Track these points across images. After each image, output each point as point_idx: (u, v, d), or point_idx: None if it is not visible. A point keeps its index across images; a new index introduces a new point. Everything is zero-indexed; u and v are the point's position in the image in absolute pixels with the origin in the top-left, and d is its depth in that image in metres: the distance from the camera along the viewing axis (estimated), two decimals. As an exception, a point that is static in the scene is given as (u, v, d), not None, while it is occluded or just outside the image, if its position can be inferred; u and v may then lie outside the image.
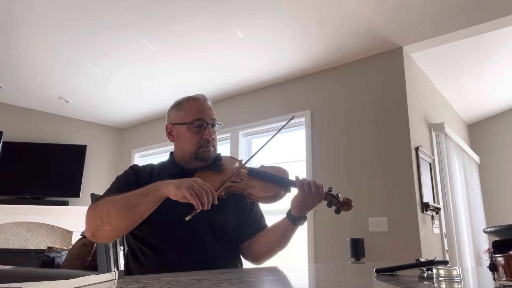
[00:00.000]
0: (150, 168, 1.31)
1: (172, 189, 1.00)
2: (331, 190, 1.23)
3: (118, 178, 1.25)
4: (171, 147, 1.36)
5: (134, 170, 1.28)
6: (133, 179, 1.23)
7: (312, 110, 3.64)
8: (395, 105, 3.14)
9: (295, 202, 1.20)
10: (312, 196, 1.16)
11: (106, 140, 5.52)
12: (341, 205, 1.21)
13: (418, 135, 3.21)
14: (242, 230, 1.30)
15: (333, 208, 1.22)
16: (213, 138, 1.29)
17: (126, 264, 1.23)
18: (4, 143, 4.55)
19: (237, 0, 2.66)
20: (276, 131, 1.31)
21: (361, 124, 3.29)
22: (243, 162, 1.26)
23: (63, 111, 5.02)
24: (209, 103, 1.34)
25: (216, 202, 1.01)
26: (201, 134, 1.26)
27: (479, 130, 5.23)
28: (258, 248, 1.28)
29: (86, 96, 4.48)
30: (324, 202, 1.22)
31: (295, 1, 2.66)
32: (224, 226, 1.24)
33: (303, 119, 3.68)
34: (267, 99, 4.02)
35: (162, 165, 1.33)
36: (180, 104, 1.32)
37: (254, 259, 1.30)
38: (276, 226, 1.27)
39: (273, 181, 1.21)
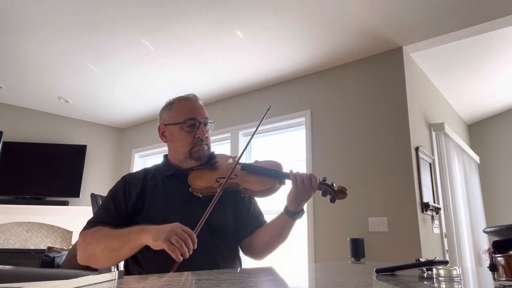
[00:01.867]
0: (143, 174, 1.30)
1: (150, 241, 1.02)
2: (325, 180, 1.23)
3: (108, 195, 1.25)
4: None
5: (125, 181, 1.27)
6: (122, 193, 1.23)
7: (312, 110, 3.64)
8: (395, 105, 3.14)
9: (291, 197, 1.20)
10: (306, 188, 1.17)
11: (106, 140, 5.52)
12: (336, 194, 1.21)
13: (418, 135, 3.21)
14: (241, 228, 1.30)
15: (328, 197, 1.22)
16: (207, 137, 1.30)
17: (125, 266, 1.23)
18: (4, 143, 4.55)
19: (237, 0, 2.67)
20: (258, 123, 1.32)
21: (361, 124, 3.29)
22: (237, 158, 1.27)
23: (63, 111, 5.02)
24: (200, 102, 1.35)
25: (195, 246, 1.00)
26: (194, 133, 1.27)
27: (479, 130, 5.23)
28: (259, 244, 1.29)
29: (86, 96, 4.48)
30: (319, 192, 1.22)
31: (295, 1, 2.66)
32: (223, 225, 1.24)
33: (303, 119, 3.68)
34: (267, 99, 4.02)
35: (157, 168, 1.33)
36: (171, 105, 1.33)
37: (255, 254, 1.31)
38: (275, 222, 1.28)
39: (267, 174, 1.21)
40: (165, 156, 1.37)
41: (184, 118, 1.27)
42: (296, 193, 1.18)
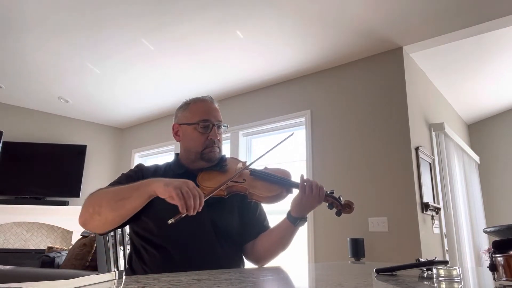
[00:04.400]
0: (154, 168, 1.33)
1: (161, 187, 0.99)
2: (333, 192, 1.23)
3: (122, 174, 1.28)
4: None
5: (139, 168, 1.31)
6: (135, 176, 1.25)
7: (312, 110, 3.64)
8: (395, 105, 3.14)
9: (295, 202, 1.21)
10: (312, 197, 1.17)
11: (106, 140, 5.52)
12: (343, 207, 1.21)
13: (418, 135, 3.21)
14: (245, 231, 1.31)
15: (334, 210, 1.22)
16: (219, 139, 1.31)
17: (129, 263, 1.24)
18: (4, 143, 4.55)
19: (237, 0, 2.67)
20: (276, 145, 1.29)
21: (361, 124, 3.29)
22: (247, 164, 1.27)
23: (63, 111, 5.02)
24: (216, 105, 1.37)
25: (200, 210, 0.98)
26: (207, 135, 1.28)
27: (479, 130, 5.23)
28: (261, 248, 1.29)
29: (86, 96, 4.48)
30: (325, 204, 1.23)
31: (295, 1, 2.66)
32: (228, 226, 1.25)
33: (303, 119, 3.69)
34: (267, 99, 4.02)
35: (168, 165, 1.35)
36: (187, 105, 1.34)
37: (257, 259, 1.31)
38: (277, 227, 1.28)
39: (275, 181, 1.22)
40: (177, 155, 1.38)
41: (198, 119, 1.28)
42: (302, 199, 1.18)
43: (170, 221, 0.95)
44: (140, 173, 1.27)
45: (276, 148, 1.28)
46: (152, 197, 1.03)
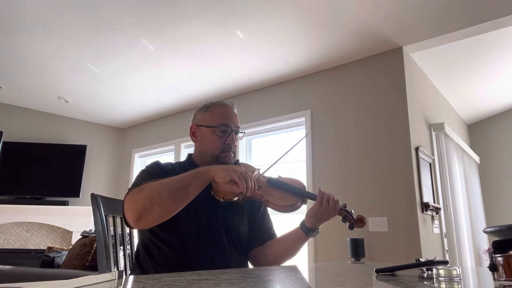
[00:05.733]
0: (172, 166, 1.33)
1: (220, 171, 1.07)
2: (346, 206, 1.27)
3: (144, 170, 1.27)
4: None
5: (158, 165, 1.31)
6: (162, 172, 1.25)
7: (312, 110, 3.64)
8: (395, 105, 3.14)
9: (311, 212, 1.23)
10: (328, 209, 1.21)
11: (106, 140, 5.52)
12: (355, 221, 1.26)
13: (418, 135, 3.21)
14: (253, 237, 1.32)
15: (347, 224, 1.26)
16: (235, 145, 1.33)
17: (137, 260, 1.24)
18: (4, 143, 4.55)
19: (237, 0, 2.67)
20: (290, 147, 1.33)
21: (361, 124, 3.29)
22: (261, 171, 1.28)
23: (63, 111, 5.02)
24: (236, 110, 1.38)
25: (257, 190, 1.10)
26: (224, 139, 1.29)
27: (479, 130, 5.23)
28: (269, 255, 1.30)
29: (86, 96, 4.48)
30: (339, 217, 1.26)
31: (295, 1, 2.66)
32: (239, 230, 1.27)
33: (303, 119, 3.69)
34: (267, 99, 4.02)
35: (181, 165, 1.35)
36: (208, 107, 1.36)
37: (264, 266, 1.32)
38: (288, 235, 1.30)
39: (291, 191, 1.24)
40: (190, 155, 1.39)
41: (218, 122, 1.30)
42: (317, 210, 1.21)
43: (235, 199, 1.08)
44: (163, 171, 1.27)
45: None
46: (209, 182, 1.11)
